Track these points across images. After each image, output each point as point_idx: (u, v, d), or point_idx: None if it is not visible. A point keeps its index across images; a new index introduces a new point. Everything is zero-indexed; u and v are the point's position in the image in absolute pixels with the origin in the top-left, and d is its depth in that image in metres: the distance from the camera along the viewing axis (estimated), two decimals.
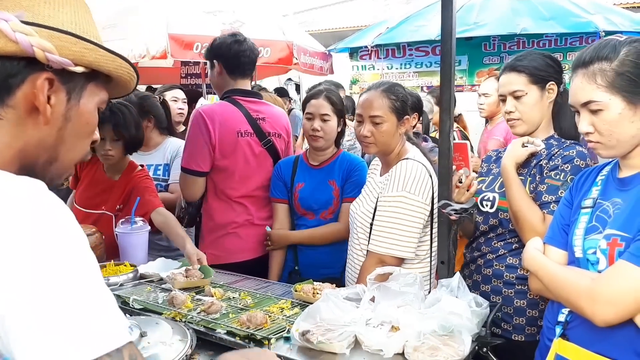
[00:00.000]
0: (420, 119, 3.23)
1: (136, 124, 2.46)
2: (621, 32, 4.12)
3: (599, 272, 1.32)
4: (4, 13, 0.70)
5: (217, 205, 2.48)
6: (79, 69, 0.77)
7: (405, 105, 2.03)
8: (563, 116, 1.89)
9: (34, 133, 0.76)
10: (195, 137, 2.36)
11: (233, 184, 2.47)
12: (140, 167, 2.55)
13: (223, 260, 2.41)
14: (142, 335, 1.48)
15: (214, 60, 2.48)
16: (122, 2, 4.76)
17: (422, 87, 4.94)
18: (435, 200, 1.93)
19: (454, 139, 3.13)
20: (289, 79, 8.85)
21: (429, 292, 1.86)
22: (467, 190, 1.81)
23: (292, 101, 7.43)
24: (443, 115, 1.62)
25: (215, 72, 2.50)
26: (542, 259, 1.50)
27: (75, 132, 0.82)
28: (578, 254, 1.41)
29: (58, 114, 0.78)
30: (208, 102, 2.74)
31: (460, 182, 1.80)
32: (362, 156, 3.63)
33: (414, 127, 2.40)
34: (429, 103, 3.92)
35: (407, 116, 2.03)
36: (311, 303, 1.71)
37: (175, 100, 3.69)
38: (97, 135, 0.89)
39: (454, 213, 1.58)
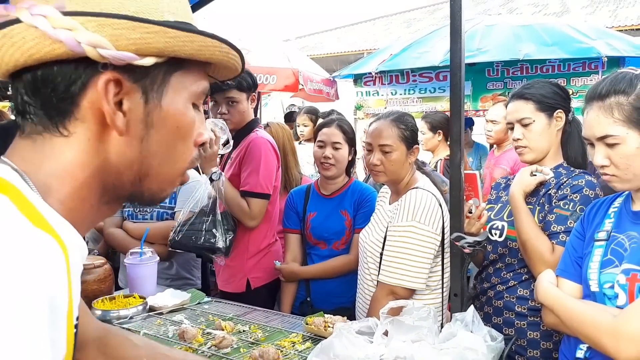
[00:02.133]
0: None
1: None
2: (623, 57, 4.18)
3: (618, 307, 1.31)
4: (41, 7, 0.55)
5: (265, 228, 2.54)
6: (149, 61, 0.59)
7: (414, 134, 2.04)
8: (571, 144, 1.89)
9: (111, 148, 0.62)
10: (269, 164, 2.44)
11: (276, 203, 2.58)
12: None
13: (267, 279, 2.52)
14: None
15: (253, 92, 2.54)
16: None
17: (426, 113, 4.97)
18: (446, 230, 1.93)
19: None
20: (292, 105, 8.93)
21: (442, 323, 1.84)
22: (478, 221, 1.81)
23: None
24: (454, 147, 1.62)
25: (249, 102, 2.54)
26: (557, 293, 1.48)
27: (163, 140, 0.64)
28: (594, 287, 1.39)
29: (135, 121, 0.62)
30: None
31: (470, 212, 1.80)
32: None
33: None
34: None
35: (416, 145, 2.04)
36: (322, 336, 1.69)
37: None
38: (204, 135, 0.70)
39: (467, 246, 1.57)
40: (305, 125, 4.79)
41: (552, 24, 4.83)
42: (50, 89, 0.59)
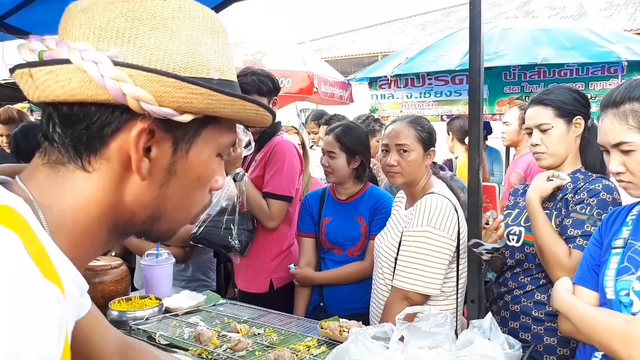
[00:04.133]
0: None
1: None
2: None
3: (633, 314, 1.30)
4: (95, 54, 0.57)
5: (286, 229, 2.58)
6: (186, 118, 0.61)
7: (431, 137, 2.03)
8: (590, 151, 1.89)
9: (130, 189, 0.63)
10: (292, 166, 2.48)
11: (297, 205, 2.62)
12: None
13: (289, 279, 2.54)
14: None
15: (274, 97, 2.56)
16: None
17: (441, 116, 4.94)
18: (462, 236, 1.92)
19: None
20: (306, 109, 8.92)
21: (456, 330, 1.82)
22: (495, 232, 1.80)
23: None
24: (472, 152, 1.61)
25: (271, 105, 2.56)
26: (572, 300, 1.48)
27: (182, 187, 0.66)
28: (610, 295, 1.38)
29: (159, 168, 0.63)
30: None
31: (487, 223, 1.80)
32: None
33: None
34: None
35: (432, 148, 2.03)
36: (337, 341, 1.69)
37: None
38: (220, 182, 0.72)
39: (486, 252, 1.56)
40: (314, 132, 4.85)
41: (571, 27, 4.77)
42: (84, 127, 0.60)
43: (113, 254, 2.83)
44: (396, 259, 1.97)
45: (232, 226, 2.41)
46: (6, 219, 0.55)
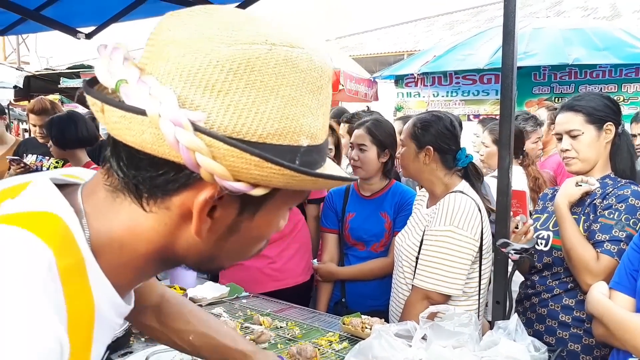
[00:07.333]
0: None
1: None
2: None
3: None
4: (176, 113, 0.50)
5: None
6: (259, 192, 0.55)
7: (427, 135, 1.96)
8: (620, 157, 1.89)
9: (184, 238, 0.59)
10: None
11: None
12: (94, 165, 2.86)
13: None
14: None
15: None
16: None
17: (468, 116, 4.88)
18: (485, 236, 1.89)
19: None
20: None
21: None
22: (524, 236, 1.79)
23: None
24: (502, 151, 1.59)
25: None
26: (607, 304, 1.46)
27: (241, 242, 0.62)
28: None
29: (220, 225, 0.59)
30: None
31: (517, 228, 1.79)
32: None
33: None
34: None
35: (429, 147, 1.96)
36: (359, 337, 1.69)
37: None
38: (281, 224, 0.66)
39: (514, 253, 1.54)
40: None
41: (604, 27, 4.67)
42: (149, 176, 0.56)
43: None
44: (417, 258, 1.95)
45: None
46: (44, 229, 0.53)
